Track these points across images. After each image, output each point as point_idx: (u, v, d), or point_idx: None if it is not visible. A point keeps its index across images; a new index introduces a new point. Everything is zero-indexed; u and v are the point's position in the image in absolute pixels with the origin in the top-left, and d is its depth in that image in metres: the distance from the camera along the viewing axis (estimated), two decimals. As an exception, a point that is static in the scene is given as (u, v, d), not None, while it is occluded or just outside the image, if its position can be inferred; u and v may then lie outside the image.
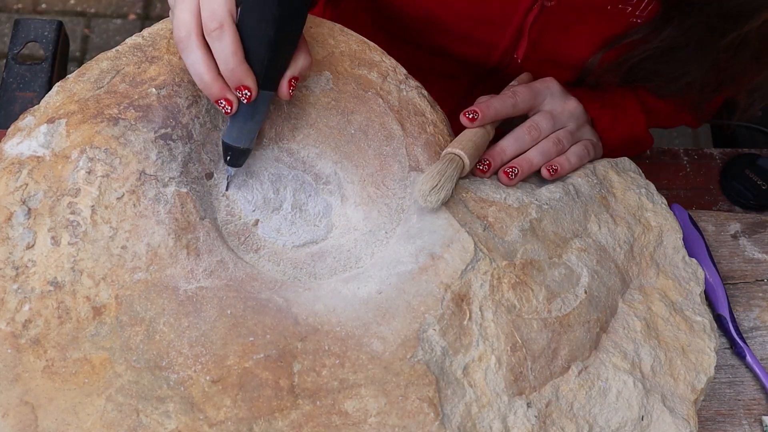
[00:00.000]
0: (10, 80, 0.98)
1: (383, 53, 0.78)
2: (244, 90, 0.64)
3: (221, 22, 0.61)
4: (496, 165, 0.75)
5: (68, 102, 0.69)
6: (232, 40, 0.62)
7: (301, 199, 0.72)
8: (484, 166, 0.75)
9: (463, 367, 0.63)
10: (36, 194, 0.64)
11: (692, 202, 0.92)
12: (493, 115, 0.76)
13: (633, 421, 0.67)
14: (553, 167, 0.77)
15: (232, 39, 0.62)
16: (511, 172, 0.75)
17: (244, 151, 0.68)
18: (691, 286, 0.75)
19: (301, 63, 0.66)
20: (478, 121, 0.75)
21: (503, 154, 0.76)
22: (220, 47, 0.62)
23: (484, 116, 0.75)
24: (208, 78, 0.63)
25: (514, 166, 0.75)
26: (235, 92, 0.64)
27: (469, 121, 0.75)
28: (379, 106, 0.74)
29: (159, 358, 0.59)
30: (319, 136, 0.73)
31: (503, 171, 0.75)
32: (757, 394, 0.80)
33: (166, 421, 0.57)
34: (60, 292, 0.61)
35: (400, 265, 0.66)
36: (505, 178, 0.75)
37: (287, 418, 0.59)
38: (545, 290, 0.68)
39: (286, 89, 0.66)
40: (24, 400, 0.58)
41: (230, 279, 0.64)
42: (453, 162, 0.71)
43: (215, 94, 0.64)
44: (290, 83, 0.66)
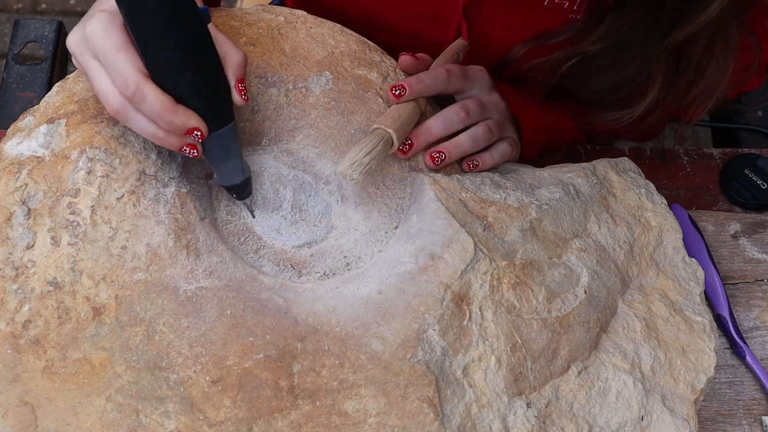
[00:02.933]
0: (10, 80, 0.98)
1: (383, 53, 0.78)
2: (194, 132, 0.62)
3: (136, 85, 0.59)
4: (420, 145, 0.73)
5: (68, 102, 0.69)
6: (155, 97, 0.60)
7: (301, 199, 0.72)
8: (405, 146, 0.72)
9: (463, 367, 0.63)
10: (36, 194, 0.64)
11: (692, 202, 0.92)
12: (420, 91, 0.73)
13: (633, 421, 0.67)
14: (475, 162, 0.76)
15: (154, 95, 0.60)
16: (437, 157, 0.73)
17: (242, 183, 0.68)
18: (691, 286, 0.75)
19: (234, 65, 0.64)
20: (405, 97, 0.72)
21: (428, 134, 0.73)
22: (149, 108, 0.60)
23: (412, 91, 0.73)
24: (161, 134, 0.62)
25: (441, 151, 0.73)
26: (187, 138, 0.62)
27: (396, 98, 0.72)
28: (379, 106, 0.74)
29: (159, 358, 0.59)
30: (319, 136, 0.73)
31: (429, 155, 0.73)
32: (757, 394, 0.80)
33: (165, 421, 0.57)
34: (60, 293, 0.61)
35: (400, 265, 0.66)
36: (430, 162, 0.73)
37: (287, 418, 0.59)
38: (545, 290, 0.68)
39: (239, 97, 0.64)
40: (24, 401, 0.58)
41: (230, 279, 0.64)
42: (380, 139, 0.69)
43: (175, 145, 0.63)
44: (239, 90, 0.64)
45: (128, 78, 0.59)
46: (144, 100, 0.60)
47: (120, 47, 0.60)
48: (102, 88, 0.61)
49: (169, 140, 0.62)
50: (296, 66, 0.74)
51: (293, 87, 0.73)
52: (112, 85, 0.60)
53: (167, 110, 0.60)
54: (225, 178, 0.67)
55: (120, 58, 0.59)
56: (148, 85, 0.60)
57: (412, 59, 0.77)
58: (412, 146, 0.72)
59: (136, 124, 0.62)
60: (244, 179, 0.68)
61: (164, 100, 0.60)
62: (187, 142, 0.63)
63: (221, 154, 0.65)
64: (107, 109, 0.62)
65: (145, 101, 0.60)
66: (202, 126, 0.62)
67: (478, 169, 0.76)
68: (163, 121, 0.61)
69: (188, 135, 0.62)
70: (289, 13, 0.77)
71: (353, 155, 0.68)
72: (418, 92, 0.74)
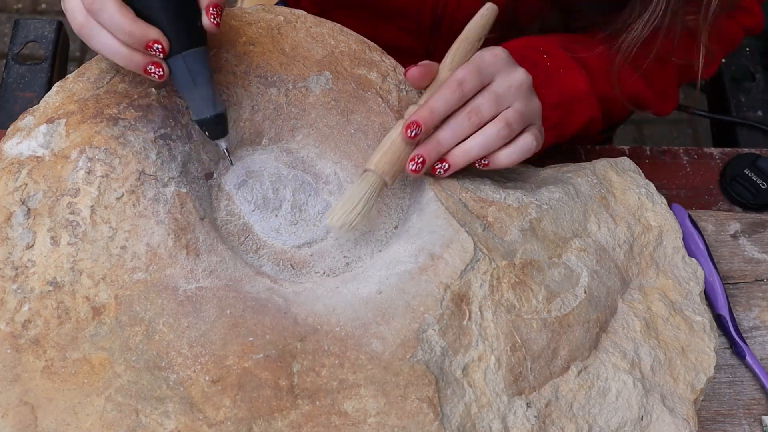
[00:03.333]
0: (10, 80, 0.98)
1: (383, 53, 0.78)
2: (153, 45, 0.61)
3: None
4: (432, 159, 0.68)
5: (68, 102, 0.69)
6: (114, 7, 0.59)
7: (300, 199, 0.72)
8: (417, 165, 0.67)
9: (463, 367, 0.63)
10: (35, 194, 0.64)
11: (692, 202, 0.92)
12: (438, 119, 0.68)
13: (633, 421, 0.67)
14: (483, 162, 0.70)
15: (113, 5, 0.59)
16: (440, 168, 0.69)
17: (215, 118, 0.65)
18: (691, 285, 0.75)
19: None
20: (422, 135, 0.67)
21: (439, 146, 0.68)
22: (108, 17, 0.59)
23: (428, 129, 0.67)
24: (124, 50, 0.61)
25: (445, 161, 0.69)
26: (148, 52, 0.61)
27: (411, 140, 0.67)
28: (378, 105, 0.74)
29: (158, 358, 0.59)
30: (318, 135, 0.73)
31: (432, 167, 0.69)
32: (757, 394, 0.80)
33: (165, 421, 0.57)
34: (59, 293, 0.61)
35: (400, 265, 0.66)
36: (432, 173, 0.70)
37: (287, 418, 0.59)
38: (545, 290, 0.68)
39: (207, 20, 0.62)
40: (23, 401, 0.58)
41: (230, 279, 0.64)
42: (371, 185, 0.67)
43: (139, 63, 0.61)
44: (209, 12, 0.62)
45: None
46: (103, 8, 0.59)
47: None
48: (69, 4, 0.61)
49: (133, 58, 0.61)
50: (296, 66, 0.74)
51: (293, 87, 0.73)
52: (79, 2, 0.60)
53: (126, 20, 0.59)
54: (195, 111, 0.65)
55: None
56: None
57: (418, 71, 0.70)
58: (424, 163, 0.68)
59: (99, 41, 0.61)
60: (215, 114, 0.65)
61: (124, 11, 0.59)
62: (150, 61, 0.62)
63: (188, 79, 0.63)
64: (72, 25, 0.61)
65: (104, 9, 0.59)
66: (162, 39, 0.61)
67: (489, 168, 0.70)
68: (122, 32, 0.60)
69: (148, 50, 0.61)
70: (289, 12, 0.77)
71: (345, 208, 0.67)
72: (435, 124, 0.68)
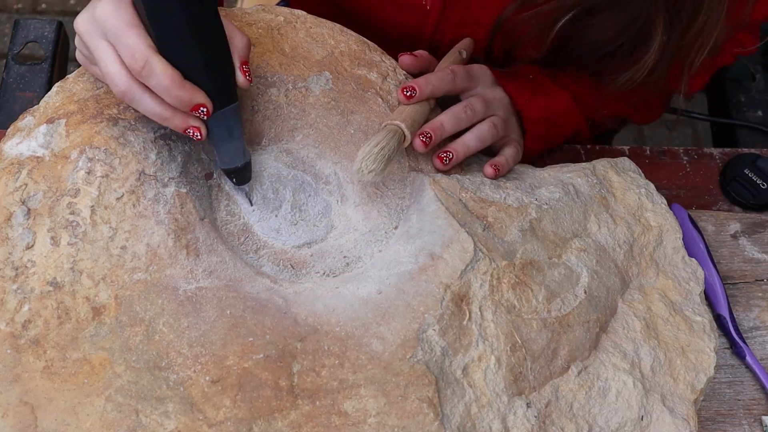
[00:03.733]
0: (10, 80, 0.98)
1: (383, 53, 0.78)
2: (199, 108, 0.62)
3: (145, 58, 0.60)
4: (437, 139, 0.74)
5: (68, 102, 0.69)
6: (163, 70, 0.60)
7: (300, 199, 0.72)
8: (426, 139, 0.73)
9: (463, 367, 0.63)
10: (35, 194, 0.64)
11: (692, 202, 0.92)
12: (430, 92, 0.75)
13: (633, 421, 0.67)
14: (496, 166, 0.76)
15: (163, 69, 0.60)
16: (445, 157, 0.74)
17: (243, 167, 0.68)
18: (691, 286, 0.75)
19: (239, 47, 0.65)
20: (415, 98, 0.73)
21: (443, 129, 0.74)
22: (156, 83, 0.60)
23: (422, 93, 0.74)
24: (167, 114, 0.62)
25: (449, 151, 0.74)
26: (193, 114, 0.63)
27: (406, 99, 0.73)
28: (378, 106, 0.74)
29: (158, 358, 0.59)
30: (318, 136, 0.73)
31: (437, 156, 0.74)
32: (757, 394, 0.80)
33: (165, 421, 0.57)
34: (59, 293, 0.61)
35: (400, 265, 0.66)
36: (439, 164, 0.74)
37: (287, 418, 0.59)
38: (545, 290, 0.68)
39: (243, 78, 0.65)
40: (23, 401, 0.58)
41: (230, 279, 0.64)
42: (393, 134, 0.70)
43: (180, 125, 0.63)
44: (243, 70, 0.65)
45: (137, 52, 0.60)
46: (152, 74, 0.60)
47: (130, 23, 0.60)
48: (110, 68, 0.61)
49: (175, 120, 0.63)
50: (296, 66, 0.74)
51: (293, 87, 0.73)
52: (121, 66, 0.61)
53: (175, 84, 0.61)
54: (226, 161, 0.67)
55: (130, 33, 0.60)
56: (156, 59, 0.60)
57: (411, 58, 0.79)
58: (431, 139, 0.73)
59: (142, 105, 0.62)
60: (244, 162, 0.68)
61: (172, 73, 0.60)
62: (191, 124, 0.63)
63: (224, 134, 0.66)
64: (114, 90, 0.62)
65: (154, 74, 0.60)
66: (208, 102, 0.63)
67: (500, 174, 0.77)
68: (171, 96, 0.61)
69: (194, 111, 0.62)
70: (289, 13, 0.77)
71: (366, 151, 0.68)
72: (428, 93, 0.75)
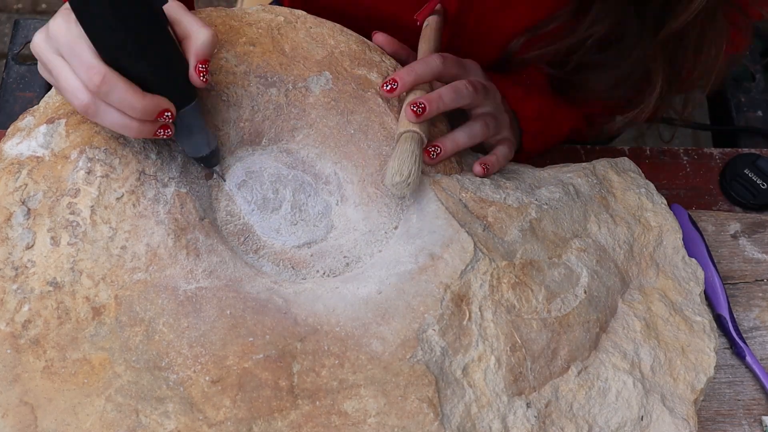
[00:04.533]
0: (10, 80, 0.98)
1: (383, 53, 0.78)
2: (164, 114, 0.62)
3: (102, 73, 0.58)
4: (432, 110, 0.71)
5: (68, 102, 0.69)
6: (123, 84, 0.59)
7: (300, 199, 0.72)
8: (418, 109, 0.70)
9: (463, 367, 0.63)
10: (35, 194, 0.64)
11: (692, 202, 0.92)
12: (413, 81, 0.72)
13: (633, 421, 0.67)
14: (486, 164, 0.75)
15: (121, 83, 0.59)
16: (432, 151, 0.72)
17: (210, 154, 0.68)
18: (691, 286, 0.75)
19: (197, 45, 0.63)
20: (398, 90, 0.71)
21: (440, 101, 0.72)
22: (117, 97, 0.59)
23: (404, 84, 0.72)
24: (134, 125, 0.61)
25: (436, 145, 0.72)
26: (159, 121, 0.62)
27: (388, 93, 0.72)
28: (378, 106, 0.74)
29: (158, 358, 0.59)
30: (318, 136, 0.73)
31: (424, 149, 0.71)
32: (757, 394, 0.80)
33: (165, 421, 0.57)
34: (59, 293, 0.61)
35: (400, 265, 0.66)
36: (426, 157, 0.72)
37: (287, 418, 0.59)
38: (545, 290, 0.68)
39: (197, 78, 0.63)
40: (23, 401, 0.58)
41: (230, 279, 0.64)
42: (415, 141, 0.69)
43: (149, 131, 0.62)
44: (198, 71, 0.63)
45: (93, 67, 0.58)
46: (113, 90, 0.59)
47: (82, 36, 0.58)
48: (68, 84, 0.60)
49: (144, 129, 0.62)
50: (296, 66, 0.74)
51: (293, 87, 0.73)
52: (78, 81, 0.59)
53: (137, 97, 0.59)
54: (192, 152, 0.68)
55: (83, 46, 0.58)
56: (113, 74, 0.59)
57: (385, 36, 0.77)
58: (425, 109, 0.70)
59: (107, 118, 0.60)
60: (210, 152, 0.68)
61: (131, 89, 0.59)
62: (159, 126, 0.62)
63: (185, 132, 0.66)
64: (75, 106, 0.60)
65: (114, 91, 0.59)
66: (171, 107, 0.62)
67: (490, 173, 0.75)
68: (136, 109, 0.60)
69: (159, 118, 0.61)
70: (289, 13, 0.77)
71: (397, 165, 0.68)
72: (411, 82, 0.72)
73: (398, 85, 0.72)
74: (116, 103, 0.59)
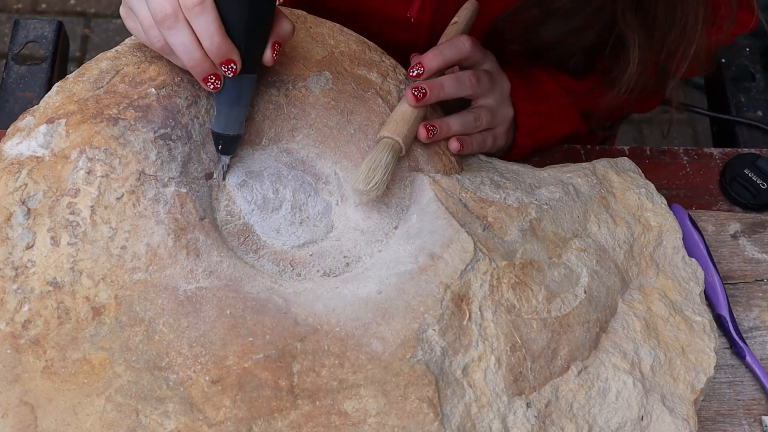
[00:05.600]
0: (10, 80, 0.98)
1: (383, 53, 0.78)
2: (229, 64, 0.63)
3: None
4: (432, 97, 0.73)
5: (68, 102, 0.69)
6: (215, 16, 0.61)
7: (300, 199, 0.72)
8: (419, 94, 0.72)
9: (463, 367, 0.63)
10: (35, 194, 0.64)
11: (692, 202, 0.92)
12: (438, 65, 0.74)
13: (633, 421, 0.67)
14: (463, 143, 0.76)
15: (214, 15, 0.61)
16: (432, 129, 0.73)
17: (234, 137, 0.68)
18: (691, 286, 0.75)
19: (283, 29, 0.66)
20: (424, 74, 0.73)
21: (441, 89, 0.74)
22: (204, 23, 0.61)
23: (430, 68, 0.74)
24: (198, 54, 0.62)
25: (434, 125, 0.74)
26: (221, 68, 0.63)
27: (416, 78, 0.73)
28: (378, 106, 0.74)
29: (158, 358, 0.59)
30: (318, 136, 0.73)
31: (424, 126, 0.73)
32: (757, 394, 0.80)
33: (165, 421, 0.57)
34: (59, 293, 0.61)
35: (400, 265, 0.66)
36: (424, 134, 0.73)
37: (287, 418, 0.59)
38: (545, 290, 0.68)
39: (269, 54, 0.66)
40: (23, 401, 0.58)
41: (230, 279, 0.64)
42: (387, 147, 0.70)
43: (207, 69, 0.63)
44: (273, 48, 0.66)
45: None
46: (204, 13, 0.60)
47: None
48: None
49: (203, 65, 0.63)
50: (296, 66, 0.74)
51: (293, 87, 0.73)
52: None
53: (219, 34, 0.61)
54: (221, 126, 0.68)
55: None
56: (212, 2, 0.60)
57: None
58: (426, 94, 0.72)
59: (179, 36, 0.62)
60: (237, 134, 0.69)
61: (219, 23, 0.61)
62: (216, 72, 0.64)
63: (234, 98, 0.67)
64: (158, 11, 0.61)
65: (205, 14, 0.60)
66: (239, 63, 0.64)
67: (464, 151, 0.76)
68: (213, 43, 0.61)
69: (222, 66, 0.63)
70: (289, 13, 0.77)
71: (365, 170, 0.68)
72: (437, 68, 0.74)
73: (425, 70, 0.73)
74: (199, 28, 0.61)
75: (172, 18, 0.61)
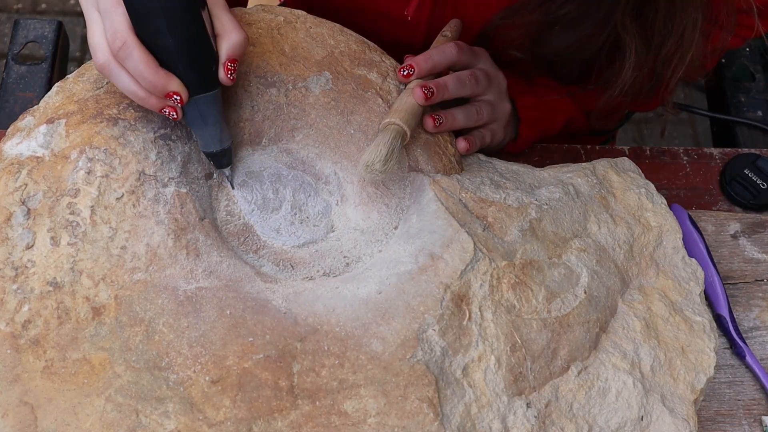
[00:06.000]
0: (10, 80, 0.98)
1: (383, 53, 0.78)
2: (173, 96, 0.63)
3: (123, 40, 0.61)
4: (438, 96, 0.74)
5: (68, 102, 0.69)
6: (140, 54, 0.61)
7: (300, 199, 0.72)
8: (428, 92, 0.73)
9: (463, 367, 0.63)
10: (35, 194, 0.64)
11: (692, 202, 0.92)
12: (430, 68, 0.75)
13: (632, 421, 0.67)
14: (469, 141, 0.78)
15: (138, 53, 0.61)
16: (437, 119, 0.74)
17: (220, 153, 0.68)
18: (691, 286, 0.75)
19: (232, 43, 0.65)
20: (414, 75, 0.74)
21: (446, 88, 0.75)
22: (132, 64, 0.61)
23: (420, 69, 0.75)
24: (142, 93, 0.63)
25: (441, 115, 0.75)
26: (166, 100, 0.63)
27: (405, 78, 0.75)
28: (378, 106, 0.74)
29: (158, 358, 0.59)
30: (318, 136, 0.73)
31: (430, 116, 0.74)
32: (757, 394, 0.80)
33: (165, 421, 0.57)
34: (59, 293, 0.61)
35: (400, 265, 0.66)
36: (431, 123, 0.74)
37: (287, 418, 0.59)
38: (545, 290, 0.68)
39: (224, 75, 0.65)
40: (23, 401, 0.58)
41: (230, 279, 0.64)
42: (395, 132, 0.70)
43: (155, 104, 0.64)
44: (226, 67, 0.65)
45: (118, 31, 0.61)
46: (129, 57, 0.61)
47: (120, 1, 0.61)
48: (94, 40, 0.62)
49: (150, 101, 0.64)
50: (296, 66, 0.74)
51: (293, 87, 0.73)
52: (103, 40, 0.62)
53: (149, 70, 0.62)
54: (203, 145, 0.68)
55: (117, 11, 0.61)
56: (134, 42, 0.61)
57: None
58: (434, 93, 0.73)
59: (119, 81, 0.63)
60: (221, 149, 0.68)
61: (148, 60, 0.61)
62: (167, 104, 0.64)
63: (198, 120, 0.66)
64: (94, 61, 0.63)
65: (130, 58, 0.61)
66: (182, 90, 0.63)
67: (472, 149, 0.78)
68: (145, 81, 0.62)
69: (167, 98, 0.63)
70: (289, 12, 0.77)
71: (372, 152, 0.68)
72: (427, 70, 0.75)
73: (414, 71, 0.74)
74: (131, 69, 0.62)
75: (107, 67, 0.62)
